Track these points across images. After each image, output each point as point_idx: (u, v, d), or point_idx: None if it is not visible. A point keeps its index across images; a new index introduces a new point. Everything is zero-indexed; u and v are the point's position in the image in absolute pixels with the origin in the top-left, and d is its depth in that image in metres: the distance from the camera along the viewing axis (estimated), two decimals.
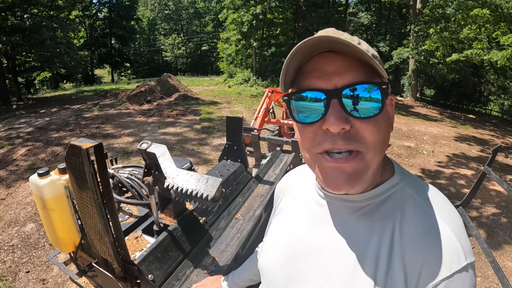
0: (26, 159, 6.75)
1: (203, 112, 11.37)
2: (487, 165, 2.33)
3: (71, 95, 17.40)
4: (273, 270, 0.81)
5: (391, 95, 0.69)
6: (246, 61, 24.21)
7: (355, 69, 0.61)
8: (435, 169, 7.03)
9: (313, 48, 0.62)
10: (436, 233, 0.61)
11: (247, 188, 2.23)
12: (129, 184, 1.83)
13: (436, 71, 18.64)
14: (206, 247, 1.60)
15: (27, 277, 3.43)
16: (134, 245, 1.42)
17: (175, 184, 1.21)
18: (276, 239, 0.85)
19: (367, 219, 0.68)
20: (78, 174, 1.09)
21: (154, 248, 1.35)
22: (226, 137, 2.45)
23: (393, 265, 0.61)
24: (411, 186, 0.69)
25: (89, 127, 9.20)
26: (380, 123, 0.63)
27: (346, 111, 0.60)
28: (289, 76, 0.67)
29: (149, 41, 43.72)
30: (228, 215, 1.91)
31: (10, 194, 5.22)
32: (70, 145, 1.05)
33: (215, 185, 1.14)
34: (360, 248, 0.66)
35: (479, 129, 12.78)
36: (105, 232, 1.14)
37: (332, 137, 0.61)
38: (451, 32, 12.08)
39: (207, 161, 6.81)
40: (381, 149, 0.64)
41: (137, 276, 1.30)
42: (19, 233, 4.15)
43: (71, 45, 19.62)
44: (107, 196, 1.10)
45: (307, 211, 0.80)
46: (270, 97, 6.20)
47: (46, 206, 1.44)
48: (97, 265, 1.33)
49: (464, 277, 0.58)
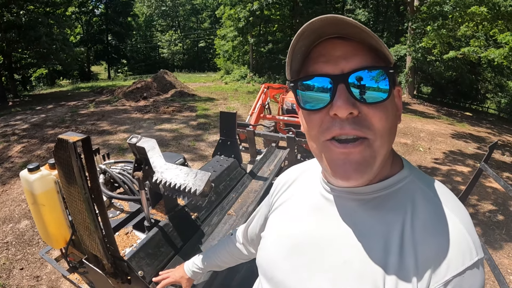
0: (22, 156, 6.71)
1: (199, 109, 11.32)
2: (484, 161, 2.32)
3: (67, 92, 17.29)
4: (274, 264, 0.79)
5: (398, 87, 0.68)
6: (243, 58, 24.14)
7: (362, 53, 0.60)
8: (431, 166, 7.04)
9: (319, 31, 0.60)
10: (448, 228, 0.60)
11: (240, 184, 2.22)
12: (121, 180, 1.82)
13: (433, 68, 18.65)
14: (198, 244, 1.59)
15: (21, 274, 3.41)
16: (124, 241, 1.41)
17: (164, 178, 1.20)
18: (278, 233, 0.83)
19: (375, 211, 0.67)
20: (66, 169, 1.07)
21: (145, 244, 1.34)
22: (220, 133, 2.44)
23: (405, 260, 0.60)
24: (421, 180, 0.68)
25: (85, 124, 9.14)
26: (388, 110, 0.62)
27: (353, 96, 0.59)
28: (295, 61, 0.66)
29: (145, 38, 43.41)
30: (221, 211, 1.90)
31: (5, 191, 5.19)
32: (58, 138, 1.04)
33: (204, 179, 1.12)
34: (369, 241, 0.65)
35: (476, 126, 12.79)
36: (94, 227, 1.13)
37: (340, 122, 0.60)
38: (448, 29, 12.06)
39: (203, 157, 6.79)
40: (388, 138, 0.63)
41: (127, 272, 1.29)
42: (14, 230, 4.12)
43: (67, 41, 19.47)
44: (95, 190, 1.09)
45: (312, 205, 0.78)
46: (266, 93, 6.18)
47: (36, 201, 1.43)
48: (88, 261, 1.32)
49: (476, 273, 0.58)
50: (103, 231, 1.16)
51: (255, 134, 3.16)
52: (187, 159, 2.73)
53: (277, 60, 23.80)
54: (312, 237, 0.73)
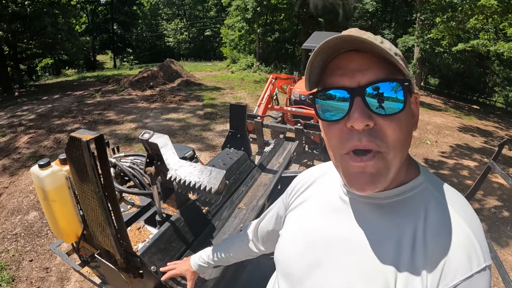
0: (29, 146, 6.75)
1: (206, 98, 11.27)
2: (493, 159, 2.30)
3: (73, 81, 17.30)
4: (291, 261, 0.82)
5: (416, 94, 0.70)
6: (249, 47, 23.93)
7: (378, 66, 0.62)
8: (438, 159, 7.00)
9: (336, 47, 0.63)
10: (458, 235, 0.62)
11: (250, 177, 2.22)
12: (131, 174, 1.81)
13: (441, 60, 18.40)
14: (209, 238, 1.59)
15: (30, 265, 3.45)
16: (136, 236, 1.41)
17: (178, 176, 1.19)
18: (295, 232, 0.86)
19: (389, 216, 0.70)
20: (79, 167, 1.07)
21: (157, 239, 1.35)
22: (230, 125, 2.43)
23: (415, 264, 0.62)
24: (434, 187, 0.71)
25: (92, 114, 9.14)
26: (402, 121, 0.64)
27: (369, 108, 0.62)
28: (314, 74, 0.69)
29: (151, 27, 43.18)
30: (231, 205, 1.90)
31: (13, 182, 5.23)
32: (70, 136, 1.03)
33: (219, 178, 1.12)
34: (382, 243, 0.67)
35: (483, 120, 12.68)
36: (107, 224, 1.12)
37: (358, 134, 0.62)
38: (457, 22, 11.87)
39: (211, 147, 6.79)
40: (402, 148, 0.65)
41: (140, 267, 1.29)
42: (22, 222, 4.16)
43: (73, 31, 19.43)
44: (108, 188, 1.09)
45: (329, 206, 0.81)
46: (274, 84, 6.15)
47: (47, 197, 1.43)
48: (100, 256, 1.32)
49: (483, 278, 0.59)
50: (116, 228, 1.16)
51: (263, 125, 3.15)
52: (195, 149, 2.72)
53: (283, 49, 23.58)
54: (327, 236, 0.76)
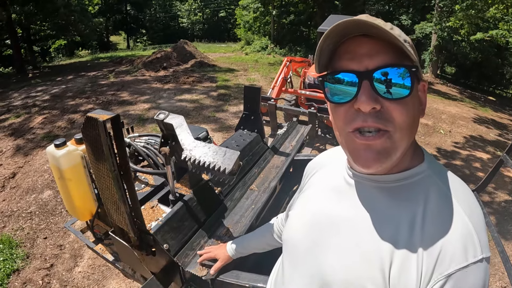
0: (43, 127, 6.86)
1: (219, 79, 11.24)
2: (506, 153, 2.25)
3: (87, 62, 17.41)
4: (296, 241, 0.86)
5: (424, 82, 0.71)
6: (264, 29, 23.65)
7: (386, 51, 0.64)
8: (451, 149, 6.90)
9: (346, 31, 0.65)
10: (456, 225, 0.63)
11: (262, 159, 2.23)
12: (145, 153, 1.83)
13: (459, 49, 17.96)
14: (221, 218, 1.62)
15: (44, 243, 3.55)
16: (150, 215, 1.43)
17: (192, 156, 1.20)
18: (301, 212, 0.90)
19: (391, 199, 0.71)
20: (95, 146, 1.08)
21: (170, 218, 1.37)
22: (244, 107, 2.42)
23: (411, 248, 0.63)
24: (438, 175, 0.71)
25: (105, 94, 9.22)
26: (409, 105, 0.65)
27: (376, 92, 0.63)
28: (323, 57, 0.71)
29: (165, 7, 42.88)
30: (243, 186, 1.92)
31: (28, 162, 5.34)
32: (86, 117, 1.04)
33: (233, 159, 1.12)
34: (382, 225, 0.69)
35: (499, 112, 12.37)
36: (121, 202, 1.14)
37: (364, 115, 0.64)
38: (477, 10, 11.52)
39: (224, 128, 6.82)
40: (409, 131, 0.67)
41: (152, 245, 1.32)
42: (37, 200, 4.27)
43: (86, 12, 19.41)
44: (124, 167, 1.10)
45: (334, 187, 0.83)
46: (288, 67, 6.12)
47: (63, 176, 1.46)
48: (113, 233, 1.35)
49: (479, 269, 0.60)
50: (130, 206, 1.18)
51: (276, 108, 3.14)
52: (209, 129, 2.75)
53: (298, 32, 23.21)
54: (331, 217, 0.79)
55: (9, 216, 3.97)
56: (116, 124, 1.04)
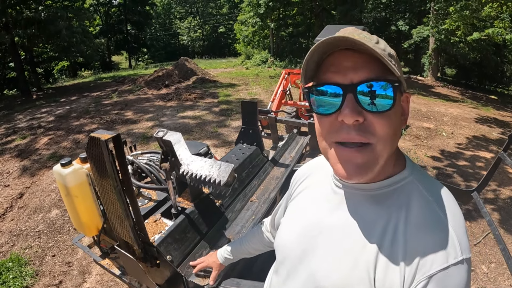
0: (49, 147, 6.97)
1: (221, 95, 11.36)
2: (503, 150, 2.29)
3: (90, 83, 17.67)
4: (288, 249, 0.88)
5: (407, 93, 0.74)
6: (263, 42, 23.97)
7: (371, 65, 0.65)
8: (454, 151, 6.90)
9: (332, 46, 0.67)
10: (437, 228, 0.66)
11: (262, 171, 2.28)
12: (148, 170, 1.90)
13: (457, 50, 18.03)
14: (222, 229, 1.67)
15: (53, 260, 3.60)
16: (153, 228, 1.49)
17: (190, 170, 1.26)
18: (292, 220, 0.92)
19: (376, 205, 0.74)
20: (99, 164, 1.15)
21: (172, 230, 1.42)
22: (242, 121, 2.49)
23: (394, 252, 0.67)
24: (419, 181, 0.74)
25: (109, 114, 9.35)
26: (391, 118, 0.67)
27: (360, 105, 0.65)
28: (309, 70, 0.73)
29: (165, 26, 43.61)
30: (244, 198, 1.97)
31: (35, 182, 5.42)
32: (90, 136, 1.11)
33: (227, 171, 1.18)
34: (367, 233, 0.72)
35: (501, 110, 12.35)
36: (125, 216, 1.20)
37: (347, 128, 0.66)
38: (472, 10, 11.61)
39: (227, 143, 6.87)
40: (391, 142, 0.69)
41: (157, 257, 1.37)
42: (45, 219, 4.33)
43: (87, 33, 19.77)
44: (126, 183, 1.16)
45: (322, 196, 0.86)
46: (287, 79, 6.18)
47: (70, 193, 1.52)
48: (119, 247, 1.41)
49: (459, 270, 0.63)
50: (134, 219, 1.24)
51: (277, 120, 3.21)
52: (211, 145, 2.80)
53: (297, 43, 23.45)
54: (320, 225, 0.82)
55: (17, 235, 4.04)
56: (117, 142, 1.11)
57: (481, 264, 3.51)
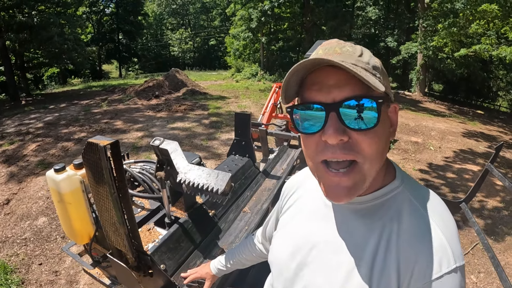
0: (37, 154, 6.85)
1: (211, 107, 11.38)
2: (490, 162, 2.35)
3: (80, 91, 17.55)
4: (281, 263, 0.88)
5: (394, 104, 0.73)
6: (254, 56, 24.19)
7: (354, 82, 0.63)
8: (442, 164, 7.01)
9: (313, 65, 0.65)
10: (429, 237, 0.66)
11: (255, 182, 2.30)
12: (141, 179, 1.89)
13: (445, 65, 18.47)
14: (216, 239, 1.67)
15: (40, 269, 3.52)
16: (147, 237, 1.49)
17: (187, 178, 1.27)
18: (284, 235, 0.92)
19: (366, 219, 0.74)
20: (95, 170, 1.15)
21: (166, 239, 1.42)
22: (235, 133, 2.51)
23: (388, 264, 0.67)
24: (410, 191, 0.74)
25: (98, 123, 9.27)
26: (378, 133, 0.66)
27: (343, 123, 0.64)
28: (290, 90, 0.71)
29: (156, 36, 43.79)
30: (237, 209, 1.98)
31: (22, 189, 5.32)
32: (88, 142, 1.11)
33: (225, 180, 1.20)
34: (359, 246, 0.72)
35: (487, 125, 12.64)
36: (120, 224, 1.20)
37: (332, 147, 0.65)
38: (459, 27, 11.95)
39: (216, 155, 6.86)
40: (379, 158, 0.68)
41: (150, 265, 1.36)
42: (32, 227, 4.25)
43: (79, 41, 19.70)
44: (122, 190, 1.16)
45: (313, 210, 0.86)
46: (277, 93, 6.25)
47: (63, 199, 1.51)
48: (112, 255, 1.40)
49: (453, 278, 0.63)
50: (128, 227, 1.24)
51: (267, 133, 3.23)
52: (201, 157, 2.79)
53: (287, 57, 23.71)
54: (313, 239, 0.81)
55: (3, 242, 3.95)
56: (115, 149, 1.11)
57: (470, 274, 3.55)
